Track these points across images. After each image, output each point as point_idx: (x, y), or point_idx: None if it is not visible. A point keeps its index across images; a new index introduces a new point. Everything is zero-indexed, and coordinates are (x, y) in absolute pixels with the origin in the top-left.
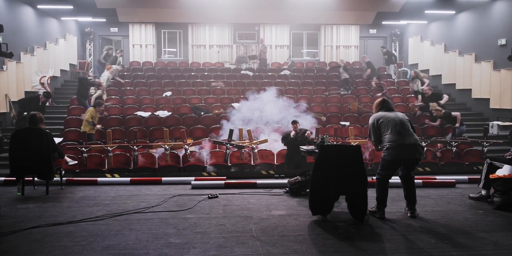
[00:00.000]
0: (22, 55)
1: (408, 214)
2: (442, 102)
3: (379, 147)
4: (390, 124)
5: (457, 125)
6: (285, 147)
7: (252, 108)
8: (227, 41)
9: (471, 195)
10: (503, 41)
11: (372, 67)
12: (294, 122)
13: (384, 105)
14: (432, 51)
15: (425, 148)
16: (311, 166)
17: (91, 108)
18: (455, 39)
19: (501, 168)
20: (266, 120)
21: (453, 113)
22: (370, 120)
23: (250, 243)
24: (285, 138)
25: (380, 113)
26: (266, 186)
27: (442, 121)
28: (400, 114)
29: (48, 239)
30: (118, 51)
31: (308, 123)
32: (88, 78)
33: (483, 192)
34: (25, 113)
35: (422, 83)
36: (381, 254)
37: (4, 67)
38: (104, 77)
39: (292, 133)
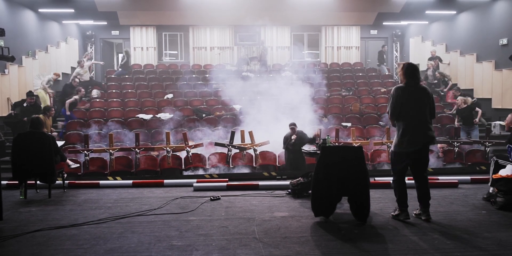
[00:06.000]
0: (23, 59)
1: (423, 218)
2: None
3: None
4: (408, 114)
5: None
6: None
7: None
8: (228, 43)
9: (484, 196)
10: (504, 41)
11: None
12: (293, 125)
13: (412, 74)
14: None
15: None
16: (311, 167)
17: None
18: (456, 39)
19: (505, 167)
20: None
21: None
22: (392, 92)
23: (252, 245)
24: (285, 142)
25: (403, 91)
26: (268, 188)
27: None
28: (421, 95)
29: (51, 243)
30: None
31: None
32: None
33: (491, 190)
34: (25, 118)
35: (446, 85)
36: (384, 255)
37: (6, 71)
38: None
39: (294, 136)
